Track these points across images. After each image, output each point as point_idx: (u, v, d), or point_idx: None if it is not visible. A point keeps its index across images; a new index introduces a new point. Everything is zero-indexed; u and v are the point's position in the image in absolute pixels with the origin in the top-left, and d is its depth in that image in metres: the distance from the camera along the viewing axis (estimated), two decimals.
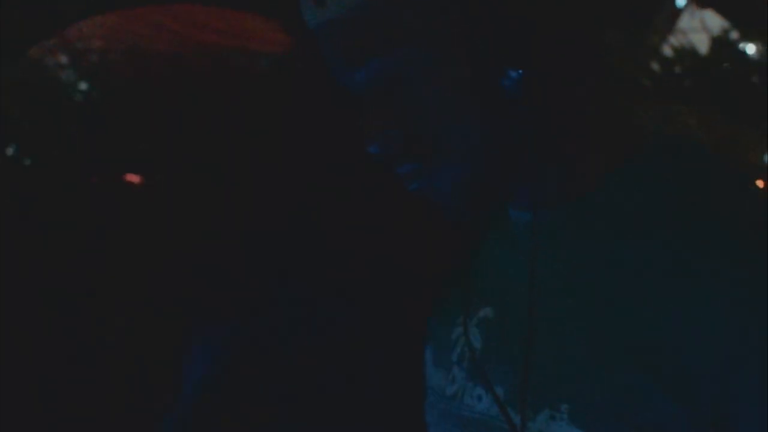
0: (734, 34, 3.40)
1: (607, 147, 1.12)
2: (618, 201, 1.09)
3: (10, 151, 1.96)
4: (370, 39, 1.07)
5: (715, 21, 3.50)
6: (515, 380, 1.12)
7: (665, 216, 1.05)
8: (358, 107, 1.12)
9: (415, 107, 1.08)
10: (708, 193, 1.06)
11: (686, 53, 3.40)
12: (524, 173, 1.11)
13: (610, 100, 1.14)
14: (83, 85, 2.04)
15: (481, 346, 1.20)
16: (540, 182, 1.11)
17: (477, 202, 1.13)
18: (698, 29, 3.51)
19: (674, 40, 3.49)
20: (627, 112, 1.16)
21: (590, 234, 1.11)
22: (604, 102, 1.13)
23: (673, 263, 1.02)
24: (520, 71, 1.04)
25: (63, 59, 1.98)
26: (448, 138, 1.08)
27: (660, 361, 1.01)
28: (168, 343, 1.62)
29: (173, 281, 1.64)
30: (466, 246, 1.30)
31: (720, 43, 3.37)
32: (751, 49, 3.39)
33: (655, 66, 3.36)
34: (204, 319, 1.57)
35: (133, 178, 1.98)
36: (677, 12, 3.64)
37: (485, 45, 1.05)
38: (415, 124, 1.08)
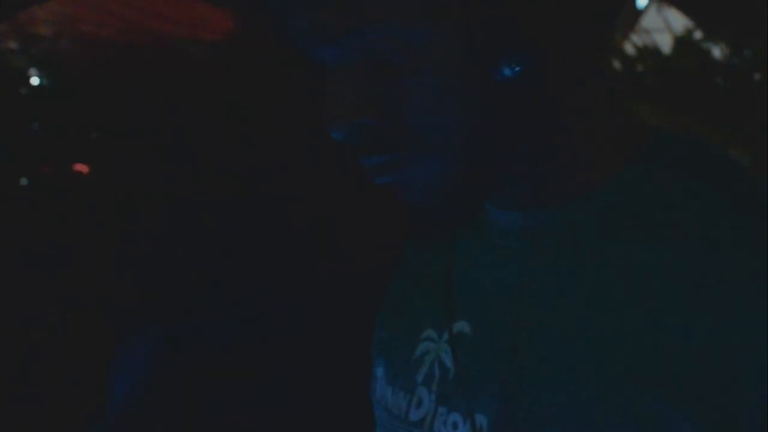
0: (698, 34, 3.39)
1: (609, 143, 0.98)
2: (623, 202, 0.96)
3: None
4: (345, 11, 0.90)
5: (679, 20, 3.49)
6: (501, 407, 0.97)
7: (677, 218, 0.92)
8: (324, 87, 0.96)
9: (393, 91, 0.92)
10: (726, 191, 0.93)
11: (649, 52, 3.39)
12: (516, 168, 0.97)
13: (612, 94, 1.03)
14: (33, 72, 2.00)
15: (453, 366, 1.04)
16: (534, 179, 0.97)
17: (455, 202, 0.98)
18: (662, 29, 3.50)
19: (637, 39, 3.48)
20: (629, 108, 1.04)
21: (590, 239, 0.96)
22: (607, 95, 1.00)
23: (688, 271, 0.89)
24: (522, 58, 0.90)
25: (13, 45, 1.94)
26: (429, 128, 0.93)
27: (682, 387, 0.86)
28: (97, 346, 1.58)
29: (103, 281, 1.61)
30: (436, 249, 1.13)
31: (683, 42, 3.37)
32: (714, 49, 3.39)
33: (616, 64, 3.35)
34: (133, 322, 1.53)
35: (82, 168, 1.94)
36: (639, 11, 3.63)
37: (485, 26, 0.89)
38: (392, 111, 0.92)
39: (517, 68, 0.89)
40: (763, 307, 0.85)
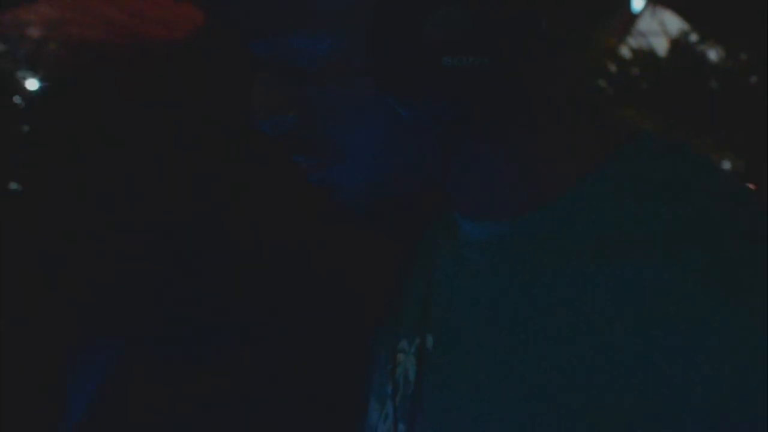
0: (693, 37, 3.38)
1: (580, 144, 0.90)
2: (592, 210, 0.87)
3: None
4: (275, 10, 0.88)
5: (674, 23, 3.48)
6: (454, 425, 0.91)
7: (641, 232, 0.82)
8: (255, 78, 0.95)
9: (314, 94, 0.88)
10: (707, 202, 0.83)
11: (644, 55, 3.37)
12: (477, 176, 0.91)
13: (582, 92, 0.95)
14: (21, 74, 1.98)
15: (414, 380, 0.98)
16: (497, 186, 0.90)
17: (382, 209, 0.94)
18: (658, 32, 3.49)
19: (633, 41, 3.46)
20: (601, 108, 0.95)
21: (559, 252, 0.87)
22: (578, 96, 0.93)
23: (672, 290, 0.77)
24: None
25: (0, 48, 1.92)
26: (340, 137, 0.88)
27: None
28: (53, 355, 1.55)
29: (60, 285, 1.58)
30: (399, 258, 1.12)
31: (678, 45, 3.35)
32: (710, 52, 3.37)
33: (612, 67, 3.33)
34: (92, 332, 1.51)
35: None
36: (635, 15, 3.62)
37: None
38: (314, 114, 0.89)
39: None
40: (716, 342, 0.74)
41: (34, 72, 1.86)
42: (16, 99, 1.87)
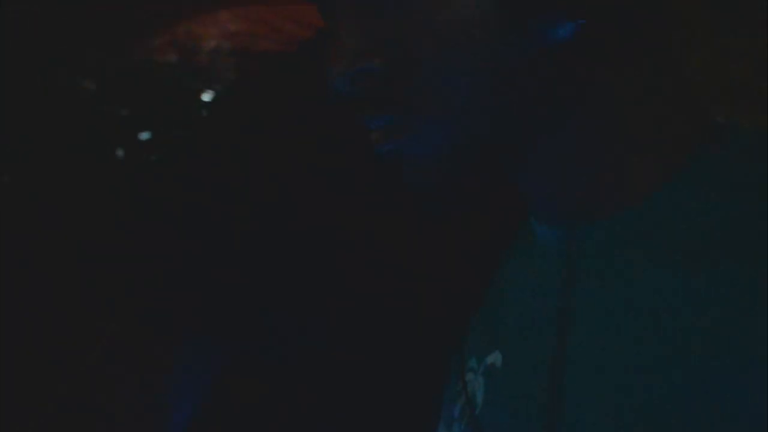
0: None
1: (669, 140, 0.82)
2: (683, 213, 0.79)
3: (120, 153, 1.95)
4: None
5: None
6: None
7: (747, 232, 0.74)
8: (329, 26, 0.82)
9: (402, 34, 0.77)
10: None
11: None
12: (551, 173, 0.84)
13: (677, 83, 0.85)
14: (194, 85, 2.01)
15: (483, 401, 0.91)
16: (577, 185, 0.83)
17: (455, 185, 0.83)
18: None
19: None
20: (696, 101, 0.86)
21: (644, 257, 0.80)
22: (666, 83, 0.83)
23: (758, 298, 0.70)
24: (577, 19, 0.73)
25: (172, 58, 1.96)
26: (438, 82, 0.77)
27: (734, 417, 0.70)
28: (159, 358, 1.54)
29: (168, 287, 1.57)
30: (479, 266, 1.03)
31: None
32: None
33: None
34: (195, 337, 1.49)
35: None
36: None
37: None
38: (400, 58, 0.78)
39: (555, 37, 0.74)
40: None
41: (208, 83, 1.90)
42: (189, 110, 1.90)
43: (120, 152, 1.94)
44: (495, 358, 0.91)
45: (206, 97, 1.93)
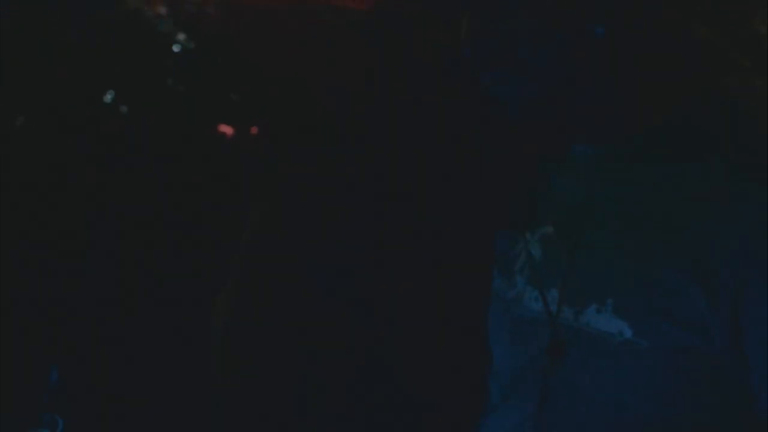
0: None
1: (681, 87, 1.39)
2: (674, 136, 1.35)
3: (108, 98, 2.00)
4: None
5: None
6: (567, 284, 1.37)
7: (707, 150, 1.32)
8: (460, 16, 1.34)
9: (508, 21, 1.30)
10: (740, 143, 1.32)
11: None
12: (593, 110, 1.39)
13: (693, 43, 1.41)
14: (180, 37, 2.06)
15: (539, 258, 1.43)
16: (614, 116, 1.37)
17: (541, 118, 1.37)
18: None
19: None
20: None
21: (645, 161, 1.36)
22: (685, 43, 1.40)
23: (705, 186, 1.29)
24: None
25: (161, 10, 2.01)
26: (532, 56, 1.31)
27: (693, 261, 1.27)
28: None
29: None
30: (530, 176, 1.48)
31: None
32: None
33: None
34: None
35: (226, 129, 2.01)
36: None
37: None
38: (506, 36, 1.30)
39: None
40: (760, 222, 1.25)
41: (192, 34, 1.95)
42: (172, 60, 1.95)
43: (108, 100, 1.99)
44: (547, 229, 1.44)
45: (193, 49, 1.98)
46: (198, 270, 1.86)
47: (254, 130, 1.92)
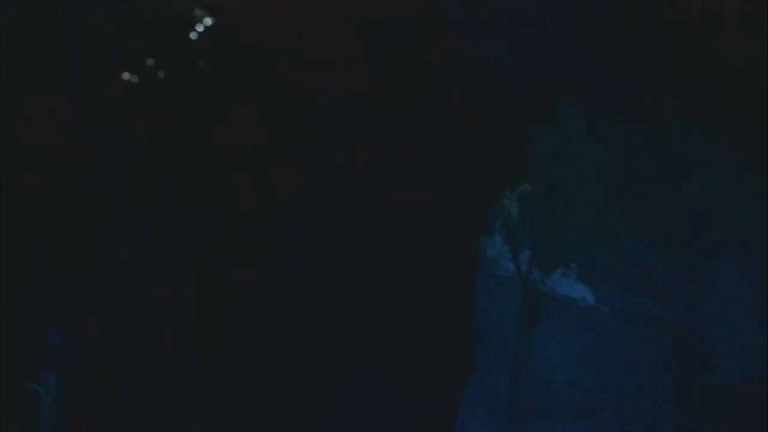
0: None
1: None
2: (661, 98, 1.36)
3: (131, 78, 2.04)
4: None
5: None
6: (538, 245, 1.37)
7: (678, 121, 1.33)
8: None
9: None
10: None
11: None
12: (585, 65, 1.35)
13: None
14: (208, 21, 2.10)
15: (516, 217, 1.42)
16: (600, 76, 1.36)
17: (530, 77, 1.36)
18: None
19: None
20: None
21: (628, 122, 1.36)
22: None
23: (680, 154, 1.30)
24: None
25: None
26: (513, 15, 1.29)
27: (659, 230, 1.27)
28: None
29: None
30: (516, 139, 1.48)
31: None
32: None
33: None
34: None
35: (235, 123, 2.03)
36: None
37: None
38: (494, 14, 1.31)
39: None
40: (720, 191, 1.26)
41: (210, 11, 1.98)
42: (192, 36, 1.98)
43: (132, 80, 2.02)
44: (525, 188, 1.43)
45: (208, 24, 2.01)
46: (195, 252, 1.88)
47: (253, 127, 1.94)
